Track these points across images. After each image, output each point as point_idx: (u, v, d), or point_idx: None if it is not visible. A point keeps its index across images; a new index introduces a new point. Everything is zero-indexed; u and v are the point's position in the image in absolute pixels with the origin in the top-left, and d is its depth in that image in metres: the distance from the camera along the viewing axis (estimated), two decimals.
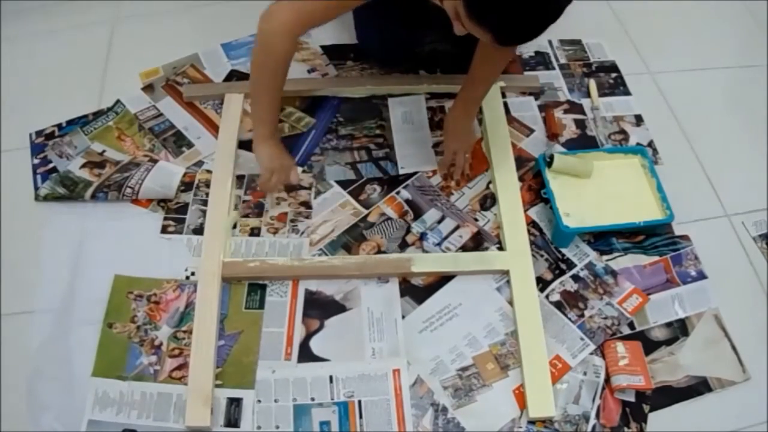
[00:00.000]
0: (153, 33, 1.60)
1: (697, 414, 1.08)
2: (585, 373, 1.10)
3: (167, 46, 1.54)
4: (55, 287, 1.17)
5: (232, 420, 1.05)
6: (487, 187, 1.33)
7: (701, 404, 1.10)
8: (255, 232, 1.25)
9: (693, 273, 1.23)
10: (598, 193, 1.28)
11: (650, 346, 1.14)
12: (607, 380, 1.10)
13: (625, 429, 1.06)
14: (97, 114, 1.41)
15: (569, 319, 1.16)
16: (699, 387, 1.11)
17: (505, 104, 1.45)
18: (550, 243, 1.25)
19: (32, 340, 1.11)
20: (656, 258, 1.25)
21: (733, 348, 1.15)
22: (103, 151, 1.34)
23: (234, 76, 1.50)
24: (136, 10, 1.64)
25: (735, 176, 1.39)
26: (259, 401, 1.06)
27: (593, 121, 1.45)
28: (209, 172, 1.31)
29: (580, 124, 1.45)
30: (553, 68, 1.55)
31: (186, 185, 1.30)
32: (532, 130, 1.43)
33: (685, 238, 1.28)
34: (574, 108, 1.48)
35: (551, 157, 1.28)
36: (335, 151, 1.37)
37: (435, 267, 1.20)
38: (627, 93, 1.52)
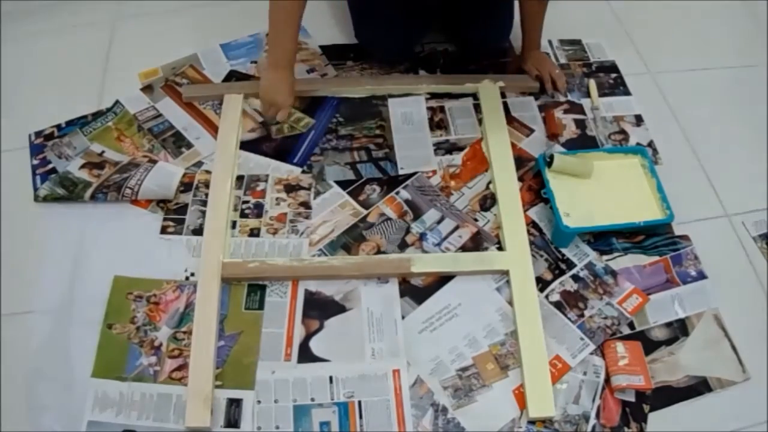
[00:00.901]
0: (152, 33, 1.60)
1: (697, 414, 1.08)
2: (585, 373, 1.10)
3: (166, 46, 1.54)
4: (55, 287, 1.17)
5: (232, 420, 1.05)
6: (487, 187, 1.33)
7: (701, 404, 1.09)
8: (254, 232, 1.24)
9: (693, 273, 1.23)
10: (598, 193, 1.28)
11: (650, 346, 1.14)
12: (607, 380, 1.09)
13: (625, 429, 1.06)
14: (97, 114, 1.41)
15: (569, 319, 1.16)
16: (699, 387, 1.11)
17: (505, 104, 1.45)
18: (549, 243, 1.25)
19: (32, 340, 1.11)
20: (656, 258, 1.25)
21: (733, 348, 1.15)
22: (103, 151, 1.34)
23: (233, 76, 1.49)
24: (136, 10, 1.64)
25: (735, 176, 1.38)
26: (259, 402, 1.06)
27: (593, 121, 1.45)
28: (208, 172, 1.31)
29: (580, 124, 1.45)
30: None
31: (185, 186, 1.29)
32: (532, 130, 1.43)
33: (685, 238, 1.27)
34: (574, 108, 1.48)
35: (551, 157, 1.28)
36: (335, 151, 1.37)
37: (435, 267, 1.20)
38: (627, 93, 1.52)
